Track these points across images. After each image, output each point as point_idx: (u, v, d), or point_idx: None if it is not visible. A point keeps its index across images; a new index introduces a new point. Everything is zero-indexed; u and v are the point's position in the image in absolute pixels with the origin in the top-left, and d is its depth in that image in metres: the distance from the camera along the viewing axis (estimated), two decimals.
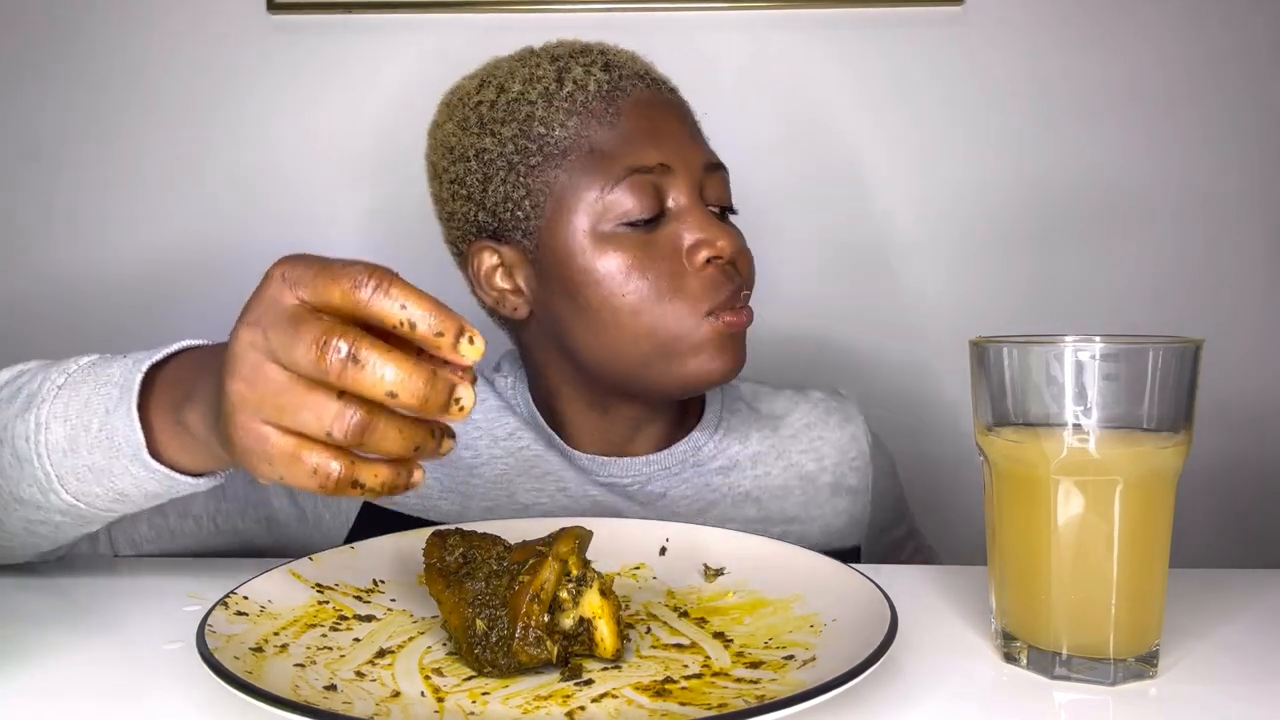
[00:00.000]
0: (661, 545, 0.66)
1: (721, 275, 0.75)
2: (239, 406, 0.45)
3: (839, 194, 1.28)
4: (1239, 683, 0.52)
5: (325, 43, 1.26)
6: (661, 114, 0.78)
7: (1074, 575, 0.50)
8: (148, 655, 0.55)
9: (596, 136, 0.76)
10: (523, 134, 0.78)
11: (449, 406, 0.43)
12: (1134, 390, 0.48)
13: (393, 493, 0.45)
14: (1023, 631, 0.53)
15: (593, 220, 0.75)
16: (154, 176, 1.27)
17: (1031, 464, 0.50)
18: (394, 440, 0.44)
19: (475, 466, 0.81)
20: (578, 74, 0.79)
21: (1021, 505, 0.52)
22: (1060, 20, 1.25)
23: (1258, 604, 0.63)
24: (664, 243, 0.75)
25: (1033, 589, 0.52)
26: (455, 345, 0.42)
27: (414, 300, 0.42)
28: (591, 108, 0.77)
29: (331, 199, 1.27)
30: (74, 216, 1.27)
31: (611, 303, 0.75)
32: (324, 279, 0.43)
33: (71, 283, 1.28)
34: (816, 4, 1.25)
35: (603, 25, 1.25)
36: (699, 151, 0.78)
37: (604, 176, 0.75)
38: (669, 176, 0.76)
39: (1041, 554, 0.51)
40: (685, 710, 0.45)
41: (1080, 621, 0.51)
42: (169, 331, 1.26)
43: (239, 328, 0.45)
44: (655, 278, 0.74)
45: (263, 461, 0.44)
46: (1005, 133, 1.26)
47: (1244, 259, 1.26)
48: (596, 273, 0.75)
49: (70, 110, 1.26)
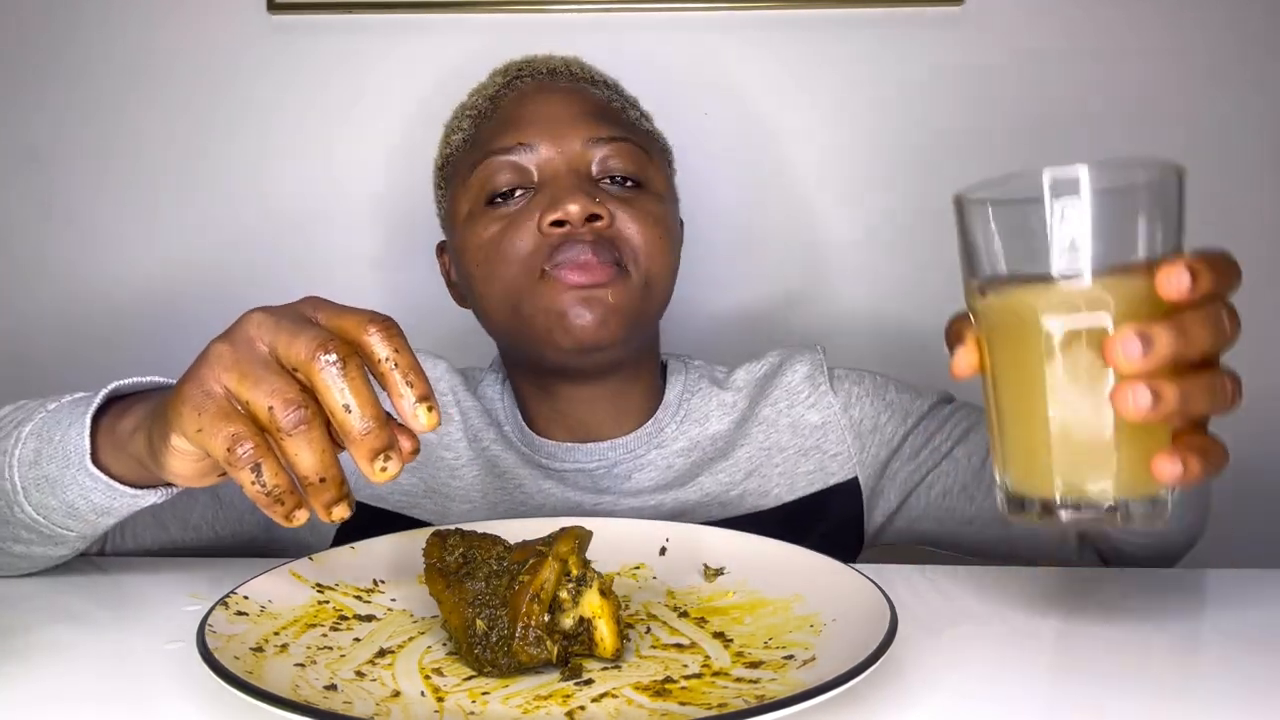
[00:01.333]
0: (661, 545, 0.66)
1: (567, 236, 0.76)
2: (210, 361, 0.48)
3: (838, 194, 1.28)
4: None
5: (325, 43, 1.26)
6: (538, 99, 0.82)
7: (1075, 417, 0.48)
8: (148, 655, 0.55)
9: (478, 133, 0.83)
10: (445, 142, 0.88)
11: (378, 457, 0.46)
12: (1124, 227, 0.46)
13: (267, 508, 0.47)
14: (1028, 485, 0.50)
15: (466, 202, 0.81)
16: (153, 177, 1.27)
17: (1022, 311, 0.48)
18: (310, 456, 0.46)
19: (456, 468, 0.84)
20: (486, 83, 0.88)
21: (1016, 354, 0.49)
22: (1060, 20, 1.25)
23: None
24: (523, 213, 0.78)
25: (1033, 440, 0.49)
26: (416, 404, 0.47)
27: (404, 349, 0.47)
28: (481, 109, 0.85)
29: (331, 199, 1.27)
30: (73, 217, 1.27)
31: (473, 273, 0.80)
32: (344, 313, 0.49)
33: (70, 283, 1.28)
34: (816, 4, 1.25)
35: (601, 25, 1.25)
36: (580, 126, 0.80)
37: (472, 160, 0.81)
38: (530, 153, 0.79)
39: (1039, 401, 0.48)
40: (685, 710, 0.45)
41: (1084, 465, 0.49)
42: (168, 331, 1.26)
43: (254, 310, 0.49)
44: (506, 243, 0.78)
45: (193, 410, 0.47)
46: (1005, 133, 1.26)
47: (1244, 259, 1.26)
48: (465, 248, 0.81)
49: (70, 111, 1.26)
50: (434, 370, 0.88)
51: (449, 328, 1.28)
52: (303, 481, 0.46)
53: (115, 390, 0.62)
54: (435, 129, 1.28)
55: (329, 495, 0.47)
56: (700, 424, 0.87)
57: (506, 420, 0.87)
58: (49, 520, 0.61)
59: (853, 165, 1.27)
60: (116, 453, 0.58)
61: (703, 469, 0.84)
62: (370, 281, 1.28)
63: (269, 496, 0.46)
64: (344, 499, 0.47)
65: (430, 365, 0.88)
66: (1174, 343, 0.45)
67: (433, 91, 1.26)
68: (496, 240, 0.78)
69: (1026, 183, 0.46)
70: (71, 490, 0.59)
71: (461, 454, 0.84)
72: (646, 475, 0.84)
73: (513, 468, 0.84)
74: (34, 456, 0.60)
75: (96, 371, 1.26)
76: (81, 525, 0.62)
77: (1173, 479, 0.47)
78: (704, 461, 0.85)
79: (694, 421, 0.87)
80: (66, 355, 1.27)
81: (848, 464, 0.86)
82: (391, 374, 0.47)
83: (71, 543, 0.64)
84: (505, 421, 0.87)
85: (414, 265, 1.27)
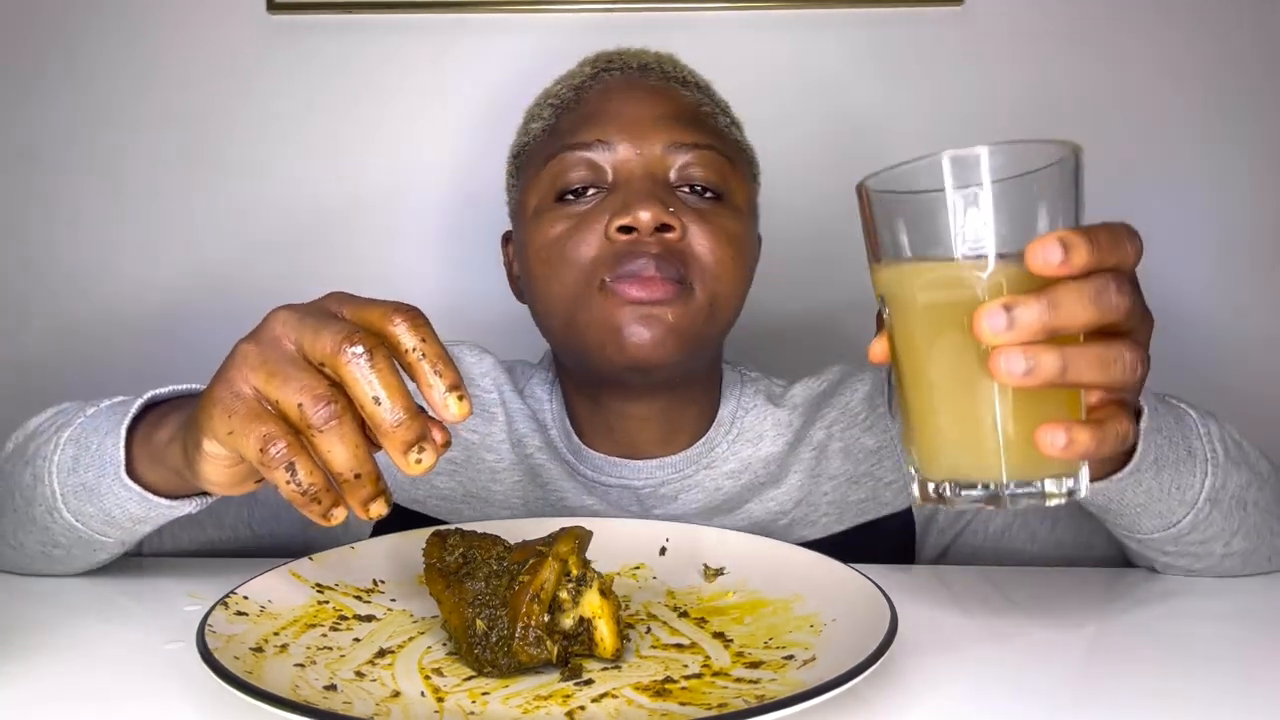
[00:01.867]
0: (661, 545, 0.66)
1: (632, 245, 0.72)
2: (238, 362, 0.47)
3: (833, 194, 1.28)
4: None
5: (325, 43, 1.26)
6: (623, 96, 0.78)
7: (965, 400, 0.47)
8: (148, 655, 0.55)
9: (560, 123, 0.79)
10: (523, 129, 0.84)
11: (412, 449, 0.45)
12: (1023, 208, 0.45)
13: (304, 508, 0.46)
14: (928, 468, 0.49)
15: (536, 195, 0.78)
16: (153, 177, 1.27)
17: (913, 294, 0.47)
18: (344, 451, 0.45)
19: (498, 471, 0.81)
20: (573, 72, 0.83)
21: (909, 338, 0.48)
22: (1060, 20, 1.25)
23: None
24: (593, 215, 0.74)
25: (930, 422, 0.48)
26: (446, 394, 0.46)
27: (431, 339, 0.46)
28: (564, 98, 0.80)
29: (330, 198, 1.27)
30: (74, 217, 1.27)
31: (535, 273, 0.77)
32: (368, 305, 0.48)
33: (70, 283, 1.27)
34: (815, 4, 1.25)
35: (604, 25, 1.25)
36: (662, 129, 0.76)
37: (546, 154, 0.78)
38: (607, 151, 0.75)
39: (933, 383, 0.48)
40: (685, 710, 0.45)
41: (975, 447, 0.48)
42: (168, 331, 1.26)
43: (280, 308, 0.48)
44: (571, 246, 0.74)
45: (224, 412, 0.46)
46: (1004, 133, 1.26)
47: (1244, 258, 1.26)
48: (529, 243, 0.77)
49: (69, 111, 1.26)
50: (480, 365, 0.85)
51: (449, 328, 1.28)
52: (338, 479, 0.46)
53: (152, 398, 0.62)
54: (435, 128, 1.29)
55: (365, 492, 0.46)
56: (753, 444, 0.83)
57: (553, 424, 0.84)
58: (87, 527, 0.61)
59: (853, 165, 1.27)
60: (152, 464, 0.58)
61: (752, 494, 0.81)
62: (370, 281, 1.28)
63: (305, 495, 0.45)
64: (380, 495, 0.46)
65: (476, 359, 0.86)
66: (1042, 314, 0.43)
67: (433, 91, 1.26)
68: (561, 240, 0.74)
69: (927, 168, 0.46)
70: (108, 499, 0.59)
71: (504, 456, 0.82)
72: (693, 497, 0.81)
73: (556, 479, 0.81)
74: (72, 464, 0.60)
75: (97, 373, 1.27)
76: (119, 532, 0.62)
77: (1052, 449, 0.45)
78: (754, 486, 0.81)
79: (747, 441, 0.83)
80: (67, 356, 1.27)
81: (902, 493, 0.81)
82: (420, 364, 0.46)
83: (110, 548, 0.64)
84: (552, 425, 0.84)
85: (414, 265, 1.27)
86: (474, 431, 0.82)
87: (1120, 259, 0.45)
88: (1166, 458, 0.61)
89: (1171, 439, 0.62)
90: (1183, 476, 0.63)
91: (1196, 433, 0.64)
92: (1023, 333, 0.43)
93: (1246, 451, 0.68)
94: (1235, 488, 0.65)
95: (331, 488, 0.46)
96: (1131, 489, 0.61)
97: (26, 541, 0.65)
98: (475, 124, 1.25)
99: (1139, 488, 0.61)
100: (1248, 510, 0.67)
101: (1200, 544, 0.67)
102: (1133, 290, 0.46)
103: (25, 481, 0.64)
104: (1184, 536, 0.66)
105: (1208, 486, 0.63)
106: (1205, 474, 0.63)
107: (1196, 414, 0.66)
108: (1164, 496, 0.63)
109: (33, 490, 0.63)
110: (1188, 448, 0.63)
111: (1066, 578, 0.71)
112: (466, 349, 0.86)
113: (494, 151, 1.26)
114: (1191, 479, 0.63)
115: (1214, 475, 0.64)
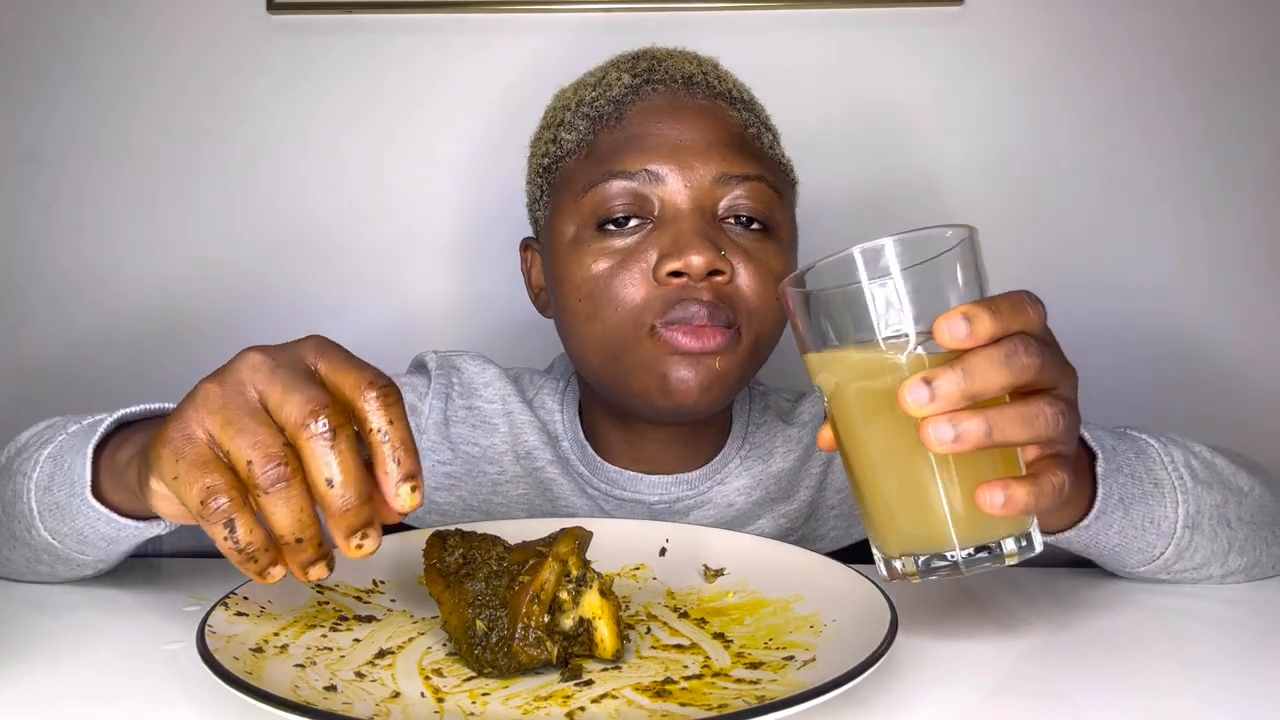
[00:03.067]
0: (661, 546, 0.66)
1: (683, 291, 0.70)
2: (197, 403, 0.45)
3: (835, 195, 1.28)
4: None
5: (325, 43, 1.26)
6: (671, 119, 0.74)
7: (964, 465, 0.49)
8: (148, 655, 0.55)
9: (598, 140, 0.75)
10: (551, 137, 0.79)
11: (355, 535, 0.45)
12: (932, 291, 0.49)
13: (239, 565, 0.45)
14: (925, 544, 0.51)
15: (573, 222, 0.74)
16: (152, 177, 1.27)
17: (882, 370, 0.49)
18: (288, 515, 0.44)
19: (500, 483, 0.81)
20: (610, 78, 0.78)
21: (848, 424, 0.51)
22: (1059, 20, 1.25)
23: None
24: (638, 251, 0.71)
25: (924, 496, 0.50)
26: (400, 482, 0.45)
27: (399, 420, 0.46)
28: (603, 111, 0.76)
29: (331, 198, 1.27)
30: (74, 217, 1.27)
31: (571, 306, 0.74)
32: (345, 368, 0.47)
33: (70, 283, 1.27)
34: (815, 4, 1.25)
35: (605, 25, 1.25)
36: (712, 160, 0.72)
37: (587, 177, 0.74)
38: (657, 184, 0.72)
39: (923, 457, 0.49)
40: (685, 711, 0.45)
41: (924, 522, 0.50)
42: (168, 331, 1.26)
43: (253, 350, 0.47)
44: (617, 286, 0.71)
45: (172, 455, 0.45)
46: (1004, 132, 1.26)
47: (1244, 257, 1.26)
48: (567, 276, 0.74)
49: (69, 111, 1.26)
50: (483, 375, 0.84)
51: (453, 330, 1.28)
52: (278, 540, 0.45)
53: (123, 418, 0.61)
54: (435, 127, 1.29)
55: (305, 555, 0.45)
56: (764, 461, 0.82)
57: (565, 435, 0.82)
58: (63, 545, 0.61)
59: (852, 164, 1.27)
60: (114, 484, 0.57)
61: (764, 509, 0.80)
62: (369, 280, 1.28)
63: (241, 554, 0.45)
64: (322, 559, 0.46)
65: (479, 369, 0.84)
66: (959, 382, 0.45)
67: (433, 91, 1.26)
68: (605, 279, 0.72)
69: (840, 263, 0.49)
70: (79, 519, 0.59)
71: (507, 469, 0.81)
72: (705, 513, 0.80)
73: (567, 495, 0.80)
74: (48, 482, 0.60)
75: (97, 374, 1.27)
76: (95, 551, 0.61)
77: (992, 508, 0.47)
78: (766, 501, 0.81)
79: (757, 458, 0.82)
80: (67, 357, 1.27)
81: None
82: (382, 447, 0.45)
83: (91, 565, 0.64)
84: (564, 437, 0.82)
85: (414, 265, 1.27)
86: (474, 445, 0.82)
87: (1025, 323, 0.48)
88: (1132, 495, 0.62)
89: (1135, 475, 0.63)
90: (1153, 510, 0.63)
91: (1160, 463, 0.64)
92: (944, 401, 0.46)
93: (1219, 470, 0.68)
94: (1211, 509, 0.65)
95: (270, 547, 0.45)
96: (1103, 532, 0.62)
97: (13, 556, 0.66)
98: (476, 124, 1.25)
99: (1110, 529, 0.62)
100: (1233, 527, 0.67)
101: (1195, 569, 0.67)
102: (1042, 349, 0.48)
103: (7, 496, 0.64)
104: (1173, 566, 0.66)
105: (1182, 514, 0.64)
106: (1176, 502, 0.64)
107: (1159, 443, 0.66)
108: (1139, 534, 0.63)
109: (13, 506, 0.63)
110: (1154, 480, 0.63)
111: (1069, 578, 0.71)
112: (469, 358, 0.85)
113: (494, 151, 1.27)
114: (1163, 510, 0.63)
115: (1185, 502, 0.64)
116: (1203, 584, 0.69)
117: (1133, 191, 1.25)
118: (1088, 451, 0.62)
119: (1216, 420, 1.22)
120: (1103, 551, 0.64)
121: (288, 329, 1.45)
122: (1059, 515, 0.60)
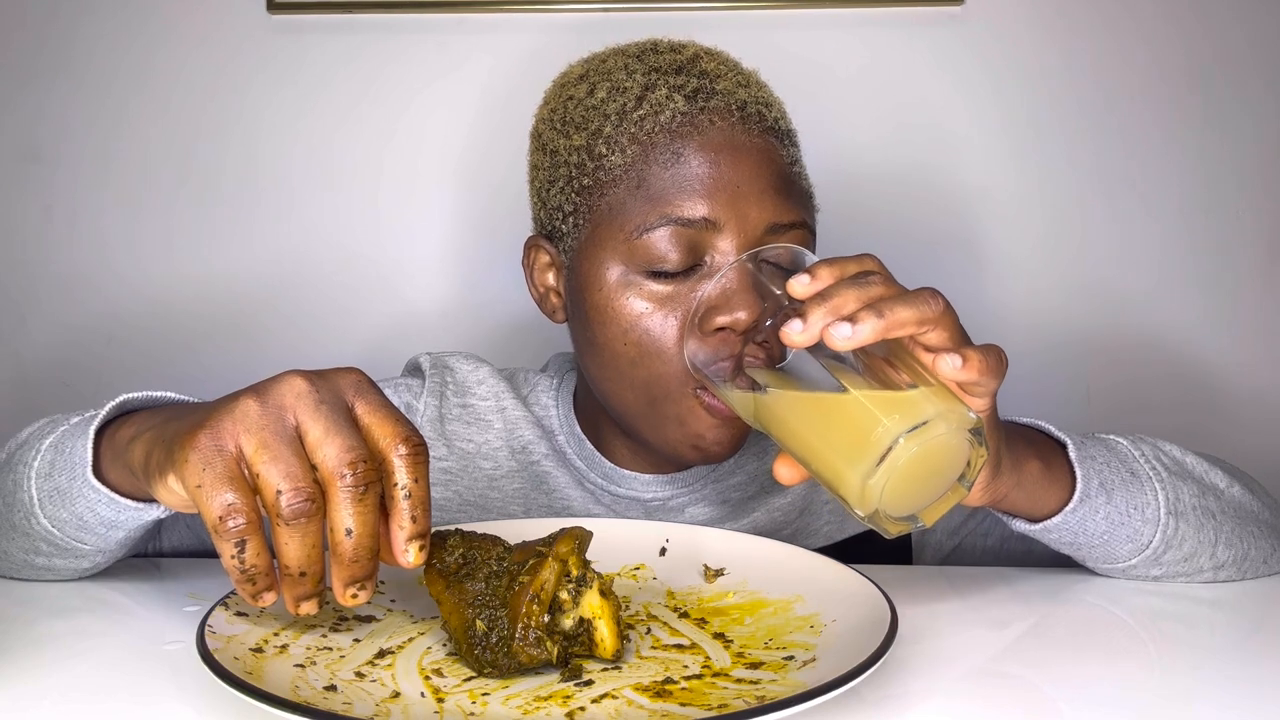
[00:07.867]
0: (661, 546, 0.66)
1: (725, 345, 0.66)
2: (237, 416, 0.46)
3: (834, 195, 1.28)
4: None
5: (325, 43, 1.26)
6: (731, 160, 0.71)
7: (876, 381, 0.52)
8: (148, 655, 0.55)
9: (650, 172, 0.71)
10: (587, 148, 0.74)
11: (352, 585, 0.46)
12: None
13: (237, 583, 0.46)
14: (873, 453, 0.50)
15: (619, 259, 0.72)
16: (152, 177, 1.27)
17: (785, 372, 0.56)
18: (300, 550, 0.45)
19: (495, 479, 0.81)
20: (659, 97, 0.73)
21: (798, 397, 0.55)
22: (1060, 19, 1.25)
23: None
24: (686, 298, 0.70)
25: (855, 420, 0.51)
26: (410, 540, 0.47)
27: (423, 480, 0.48)
28: (655, 139, 0.72)
29: (331, 199, 1.27)
30: (74, 217, 1.27)
31: (613, 346, 0.72)
32: (381, 416, 0.48)
33: (69, 283, 1.27)
34: (815, 4, 1.25)
35: (605, 25, 1.25)
36: (766, 208, 0.71)
37: (641, 218, 0.71)
38: (713, 233, 0.70)
39: (840, 398, 0.52)
40: (685, 711, 0.45)
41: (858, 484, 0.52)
42: (167, 331, 1.26)
43: (297, 375, 0.48)
44: (662, 333, 0.70)
45: (200, 463, 0.45)
46: (1005, 132, 1.26)
47: (1243, 257, 1.26)
48: (608, 312, 0.72)
49: (70, 112, 1.26)
50: (476, 374, 0.84)
51: (452, 329, 1.28)
52: (283, 569, 0.46)
53: (125, 404, 0.61)
54: (435, 127, 1.29)
55: (303, 590, 0.46)
56: (759, 457, 0.82)
57: (561, 431, 0.83)
58: (63, 533, 0.61)
59: (851, 164, 1.27)
60: (114, 463, 0.57)
61: (759, 503, 0.80)
62: (368, 279, 1.28)
63: (243, 574, 0.46)
64: (316, 596, 0.47)
65: (471, 368, 0.84)
66: (820, 302, 0.51)
67: (433, 90, 1.26)
68: (653, 327, 0.70)
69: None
70: (79, 503, 0.59)
71: (502, 464, 0.81)
72: (700, 510, 0.81)
73: (563, 488, 0.80)
74: (49, 469, 0.60)
75: (96, 373, 1.27)
76: (93, 538, 0.61)
77: (953, 370, 0.50)
78: (760, 495, 0.81)
79: (752, 455, 0.82)
80: (66, 357, 1.27)
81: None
82: (402, 504, 0.47)
83: (89, 556, 0.64)
84: (559, 432, 0.83)
85: (414, 265, 1.27)
86: (469, 441, 0.82)
87: (860, 265, 0.54)
88: (1112, 482, 0.64)
89: (1110, 464, 0.65)
90: (1135, 496, 0.65)
91: (1131, 456, 0.66)
92: (823, 284, 0.52)
93: (1190, 467, 0.70)
94: (1191, 498, 0.67)
95: (271, 572, 0.46)
96: (1090, 517, 0.63)
97: (11, 549, 0.66)
98: (476, 123, 1.26)
99: (1096, 515, 0.63)
100: (1217, 519, 0.68)
101: (1184, 561, 0.67)
102: (888, 277, 0.53)
103: (7, 488, 0.64)
104: (1162, 557, 0.66)
105: (1164, 500, 0.65)
106: (1155, 490, 0.65)
107: (1127, 440, 0.68)
108: (1125, 520, 0.64)
109: (13, 496, 0.63)
110: (1130, 470, 0.65)
111: (1069, 578, 0.70)
112: (461, 358, 0.85)
113: (495, 151, 1.27)
114: (1144, 497, 0.65)
115: (1164, 490, 0.65)
116: (1199, 584, 0.69)
117: (1135, 189, 1.25)
118: (1057, 442, 0.64)
119: (1207, 429, 1.22)
120: (1093, 540, 0.65)
121: (287, 328, 1.45)
122: (1044, 499, 0.62)
